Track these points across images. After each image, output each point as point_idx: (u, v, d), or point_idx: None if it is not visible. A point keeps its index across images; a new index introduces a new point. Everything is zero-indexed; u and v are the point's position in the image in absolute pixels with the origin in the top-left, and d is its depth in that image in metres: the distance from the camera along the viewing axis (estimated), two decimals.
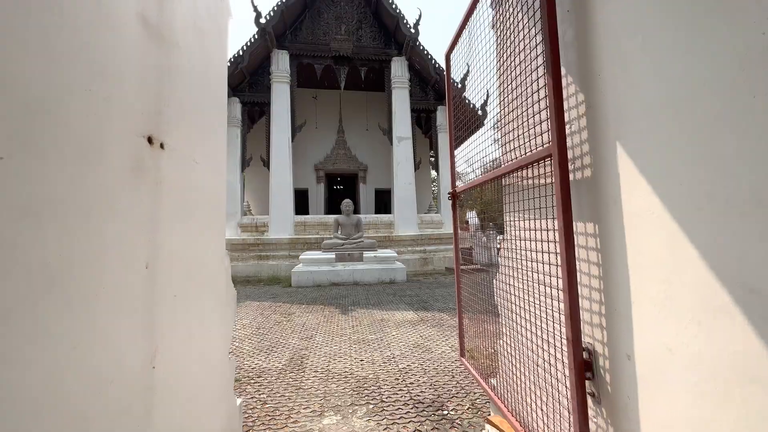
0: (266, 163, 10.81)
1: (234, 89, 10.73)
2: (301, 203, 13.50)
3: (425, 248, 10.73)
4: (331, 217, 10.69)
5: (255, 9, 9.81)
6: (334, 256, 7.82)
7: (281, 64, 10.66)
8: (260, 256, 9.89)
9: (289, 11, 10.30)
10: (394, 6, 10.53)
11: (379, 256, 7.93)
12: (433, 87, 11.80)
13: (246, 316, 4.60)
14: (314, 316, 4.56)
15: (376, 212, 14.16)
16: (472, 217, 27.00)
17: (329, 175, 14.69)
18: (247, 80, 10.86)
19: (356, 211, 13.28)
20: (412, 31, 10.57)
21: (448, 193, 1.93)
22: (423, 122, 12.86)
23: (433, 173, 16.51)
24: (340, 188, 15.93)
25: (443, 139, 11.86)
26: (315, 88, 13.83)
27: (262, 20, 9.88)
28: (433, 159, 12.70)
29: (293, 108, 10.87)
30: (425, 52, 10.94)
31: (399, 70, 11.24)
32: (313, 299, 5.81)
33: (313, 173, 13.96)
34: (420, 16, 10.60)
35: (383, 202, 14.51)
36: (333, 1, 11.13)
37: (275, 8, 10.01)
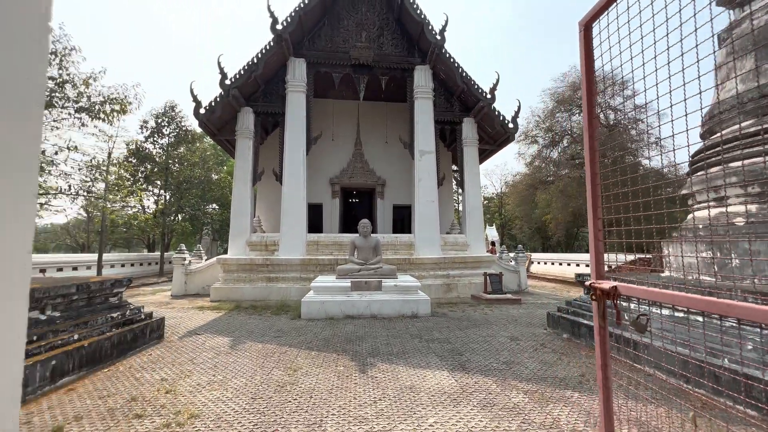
0: (279, 177, 10.12)
1: (247, 99, 10.15)
2: (315, 219, 12.76)
3: (449, 272, 9.76)
4: (347, 237, 9.87)
5: (271, 15, 9.27)
6: (349, 284, 6.94)
7: (297, 72, 10.05)
8: (269, 278, 9.11)
9: (307, 17, 9.73)
10: (419, 12, 9.84)
11: (400, 285, 7.01)
12: (458, 97, 10.98)
13: (242, 372, 3.74)
14: (325, 373, 3.67)
15: (394, 229, 13.29)
16: (494, 235, 25.66)
17: (345, 190, 13.94)
18: (261, 89, 10.29)
19: (373, 229, 12.43)
20: (438, 37, 9.83)
21: (592, 287, 1.03)
22: (447, 135, 12.01)
23: (456, 185, 15.56)
24: (356, 201, 15.13)
25: (470, 154, 10.96)
26: (332, 98, 13.22)
27: (279, 27, 9.33)
28: (457, 174, 11.78)
29: (309, 119, 10.20)
30: (451, 59, 10.16)
31: (422, 79, 10.48)
32: (324, 341, 4.93)
33: (328, 187, 13.23)
34: (446, 21, 9.88)
35: (401, 218, 13.63)
36: (354, 7, 10.53)
37: (293, 14, 9.46)
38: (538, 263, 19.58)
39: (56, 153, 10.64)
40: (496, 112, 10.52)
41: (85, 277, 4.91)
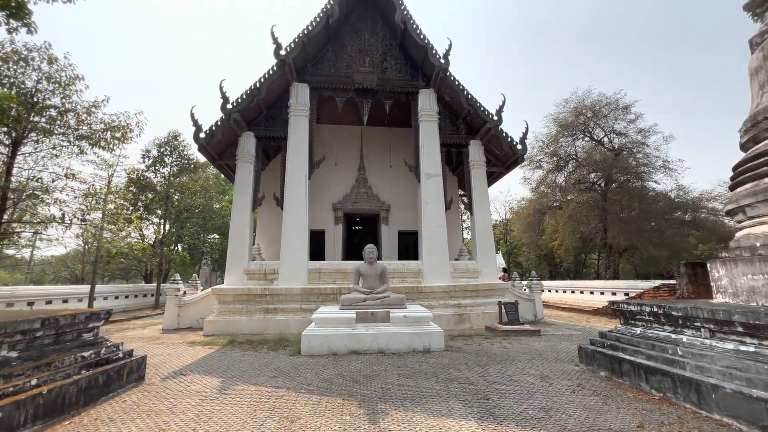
0: (280, 202, 9.73)
1: (249, 123, 9.97)
2: (317, 246, 12.25)
3: (460, 302, 9.10)
4: (350, 264, 9.31)
5: (275, 41, 9.26)
6: (353, 315, 6.33)
7: (300, 97, 9.93)
8: (267, 310, 8.49)
9: (310, 43, 9.73)
10: (422, 36, 9.83)
11: (410, 316, 6.38)
12: (464, 120, 10.78)
13: (230, 424, 3.11)
14: (329, 425, 3.05)
15: (399, 257, 12.72)
16: (500, 262, 25.01)
17: (348, 216, 13.52)
18: (264, 114, 10.13)
19: (378, 256, 11.89)
20: (442, 61, 9.76)
21: None
22: (453, 158, 11.74)
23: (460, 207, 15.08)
24: (359, 227, 14.67)
25: (477, 176, 10.60)
26: (335, 123, 13.11)
27: (282, 52, 9.29)
28: (464, 199, 11.37)
29: (311, 143, 9.96)
30: (456, 82, 10.04)
31: (427, 102, 10.33)
32: (327, 383, 4.29)
33: (331, 213, 12.82)
34: (450, 45, 9.84)
35: (406, 244, 13.10)
36: (357, 33, 10.59)
37: (296, 40, 9.46)
38: (549, 291, 18.74)
39: (53, 181, 10.37)
40: (504, 134, 10.26)
41: (56, 309, 4.37)
